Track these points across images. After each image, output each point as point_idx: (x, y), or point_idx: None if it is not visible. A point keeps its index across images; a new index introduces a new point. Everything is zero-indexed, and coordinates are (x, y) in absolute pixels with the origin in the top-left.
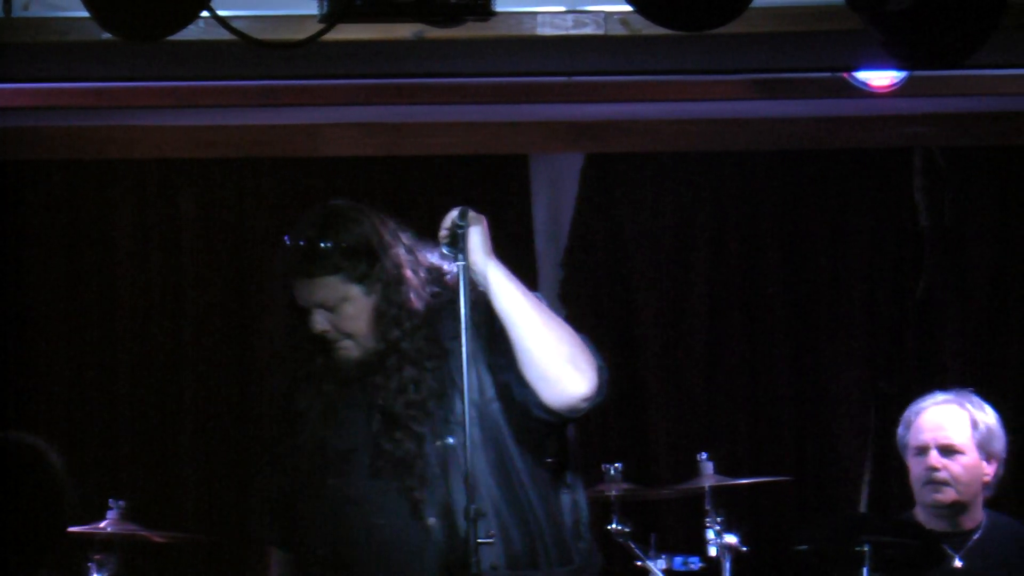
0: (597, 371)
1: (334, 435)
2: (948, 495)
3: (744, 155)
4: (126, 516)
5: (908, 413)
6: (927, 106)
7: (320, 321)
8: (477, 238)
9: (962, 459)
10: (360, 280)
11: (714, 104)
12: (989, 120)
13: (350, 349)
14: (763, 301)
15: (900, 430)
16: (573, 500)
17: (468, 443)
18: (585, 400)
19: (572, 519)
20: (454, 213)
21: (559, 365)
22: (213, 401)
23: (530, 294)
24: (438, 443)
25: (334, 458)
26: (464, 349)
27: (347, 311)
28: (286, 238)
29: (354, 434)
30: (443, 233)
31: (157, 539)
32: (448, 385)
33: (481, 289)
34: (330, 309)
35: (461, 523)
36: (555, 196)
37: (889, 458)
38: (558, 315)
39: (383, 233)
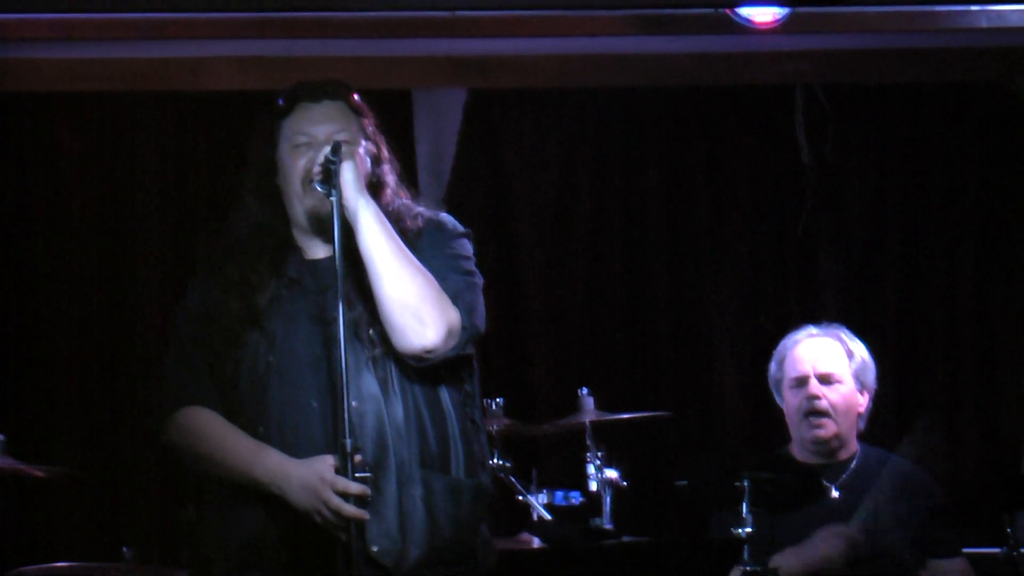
0: (446, 327)
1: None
2: (829, 429)
3: (627, 91)
4: (5, 451)
5: (780, 348)
6: (809, 43)
7: (318, 153)
8: (350, 174)
9: (840, 388)
10: (358, 113)
11: (597, 40)
12: (871, 58)
13: (321, 203)
14: (644, 237)
15: (772, 366)
16: (478, 435)
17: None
18: (428, 352)
19: (479, 449)
20: (327, 148)
21: (404, 315)
22: (91, 335)
23: (396, 238)
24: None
25: (273, 341)
26: (339, 287)
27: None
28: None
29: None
30: (316, 169)
31: (37, 473)
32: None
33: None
34: (333, 133)
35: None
36: (438, 131)
37: (768, 393)
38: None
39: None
